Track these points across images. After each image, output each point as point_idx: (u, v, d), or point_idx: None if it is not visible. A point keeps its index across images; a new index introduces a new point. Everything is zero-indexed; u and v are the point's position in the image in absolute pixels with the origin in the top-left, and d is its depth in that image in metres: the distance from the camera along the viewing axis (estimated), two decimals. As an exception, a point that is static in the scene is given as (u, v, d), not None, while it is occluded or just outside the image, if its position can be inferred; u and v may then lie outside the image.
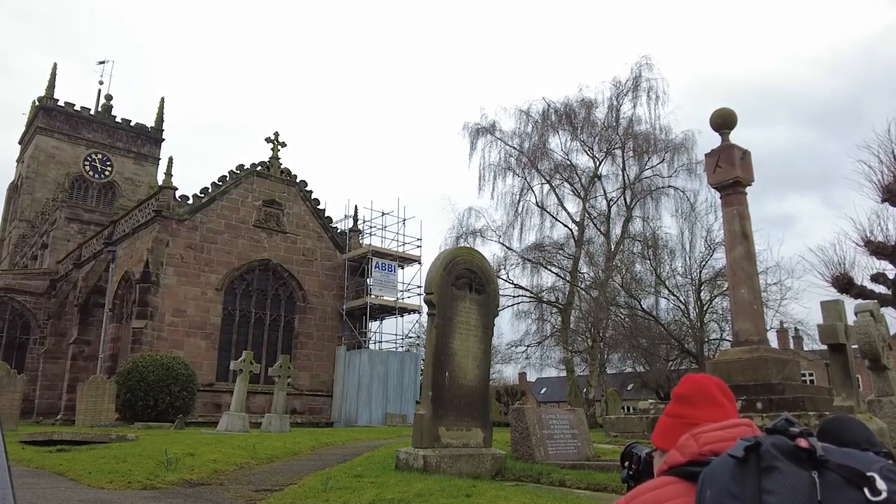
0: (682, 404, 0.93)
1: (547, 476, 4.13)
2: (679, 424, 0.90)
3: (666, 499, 0.77)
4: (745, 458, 0.65)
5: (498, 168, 17.44)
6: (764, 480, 0.62)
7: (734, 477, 0.65)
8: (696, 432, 0.83)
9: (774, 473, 0.62)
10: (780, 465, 0.62)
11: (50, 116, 26.01)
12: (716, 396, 0.92)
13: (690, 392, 0.94)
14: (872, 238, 8.14)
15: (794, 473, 0.62)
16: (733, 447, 0.68)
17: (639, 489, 0.83)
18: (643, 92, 16.69)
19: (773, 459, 0.63)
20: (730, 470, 0.66)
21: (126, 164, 27.11)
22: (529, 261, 16.65)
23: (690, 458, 0.79)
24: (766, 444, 0.66)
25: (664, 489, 0.79)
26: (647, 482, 0.85)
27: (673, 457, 0.83)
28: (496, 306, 5.03)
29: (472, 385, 4.54)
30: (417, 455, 4.15)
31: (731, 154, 4.77)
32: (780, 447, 0.65)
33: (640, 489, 0.83)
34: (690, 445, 0.81)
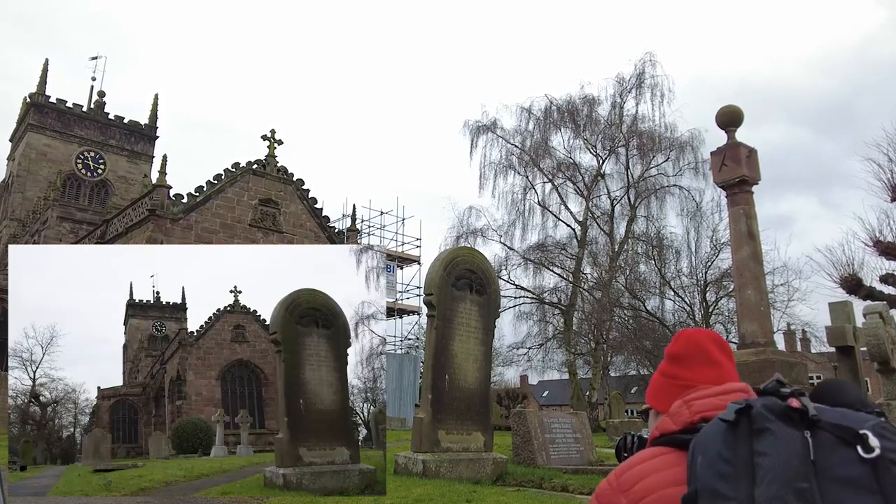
0: (675, 364, 0.89)
1: (549, 481, 4.05)
2: (672, 386, 0.87)
3: (657, 469, 0.75)
4: (735, 421, 0.63)
5: (499, 166, 17.29)
6: (756, 443, 0.61)
7: (726, 441, 0.63)
8: (688, 399, 0.80)
9: (766, 435, 0.61)
10: (772, 426, 0.61)
11: (41, 113, 25.63)
12: (712, 354, 0.88)
13: (684, 351, 0.89)
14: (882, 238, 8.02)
15: (786, 434, 0.61)
16: (724, 412, 0.66)
17: (630, 460, 0.80)
18: (647, 89, 16.49)
19: (764, 421, 0.62)
20: (721, 434, 0.64)
21: (119, 162, 26.75)
22: (531, 261, 16.47)
23: (682, 427, 0.77)
24: (757, 406, 0.64)
25: (656, 460, 0.77)
26: (639, 452, 0.82)
27: (665, 424, 0.80)
28: (497, 307, 4.97)
29: (473, 388, 4.47)
30: (417, 459, 4.08)
31: (737, 152, 4.70)
32: (771, 408, 0.63)
33: (632, 460, 0.80)
34: (682, 413, 0.79)
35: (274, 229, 15.51)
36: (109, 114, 27.06)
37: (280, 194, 15.82)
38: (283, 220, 15.72)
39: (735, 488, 0.58)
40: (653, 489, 0.73)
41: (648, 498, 0.72)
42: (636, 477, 0.75)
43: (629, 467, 0.78)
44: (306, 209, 16.30)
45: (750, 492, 0.57)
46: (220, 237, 14.53)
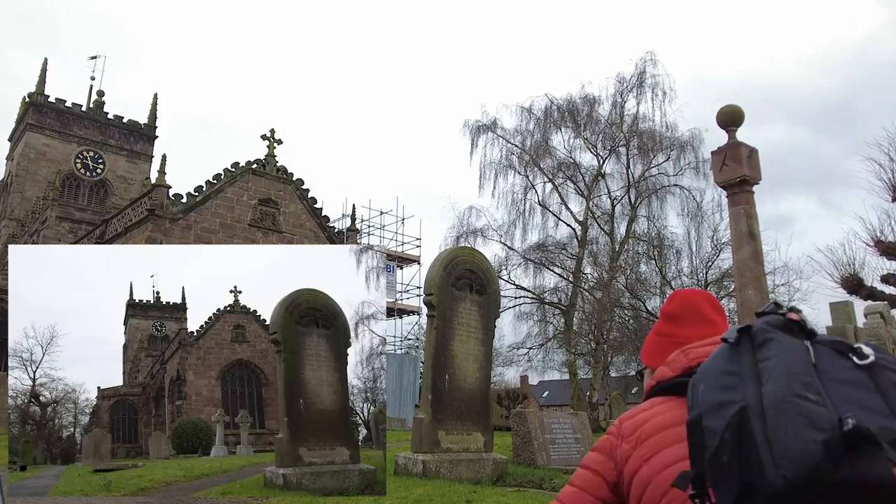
0: (670, 323, 0.91)
1: (549, 482, 4.05)
2: (668, 344, 0.88)
3: (658, 413, 0.76)
4: (737, 340, 0.65)
5: (499, 166, 17.21)
6: (759, 353, 0.63)
7: (730, 358, 0.65)
8: (686, 348, 0.82)
9: (769, 343, 0.63)
10: (775, 335, 0.63)
11: (40, 113, 25.58)
12: (706, 313, 0.90)
13: (679, 310, 0.91)
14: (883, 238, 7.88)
15: (788, 341, 0.63)
16: (727, 333, 0.67)
17: (628, 412, 0.81)
18: (648, 88, 16.39)
19: (766, 333, 0.64)
20: (724, 355, 0.66)
21: (118, 161, 26.71)
22: (531, 261, 16.40)
23: (679, 372, 0.78)
24: (757, 324, 0.66)
25: (655, 407, 0.78)
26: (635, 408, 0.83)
27: (661, 372, 0.81)
28: (497, 308, 4.96)
29: (473, 388, 4.46)
30: (416, 460, 4.07)
31: (737, 152, 4.69)
32: (772, 323, 0.65)
33: (630, 412, 0.81)
34: (680, 360, 0.80)
35: (273, 229, 15.49)
36: (109, 113, 27.01)
37: (280, 194, 15.79)
38: (282, 219, 15.70)
39: (742, 393, 0.59)
40: (656, 430, 0.73)
41: (652, 439, 0.73)
42: (637, 423, 0.76)
43: (628, 417, 0.79)
44: (306, 209, 16.28)
45: (758, 391, 0.58)
46: (219, 237, 14.52)
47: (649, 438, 0.73)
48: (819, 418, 0.54)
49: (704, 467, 0.61)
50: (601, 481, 0.76)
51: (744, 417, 0.57)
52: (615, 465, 0.76)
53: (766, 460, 0.53)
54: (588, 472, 0.78)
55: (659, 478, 0.70)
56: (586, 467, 0.79)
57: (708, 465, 0.60)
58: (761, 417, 0.56)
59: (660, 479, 0.70)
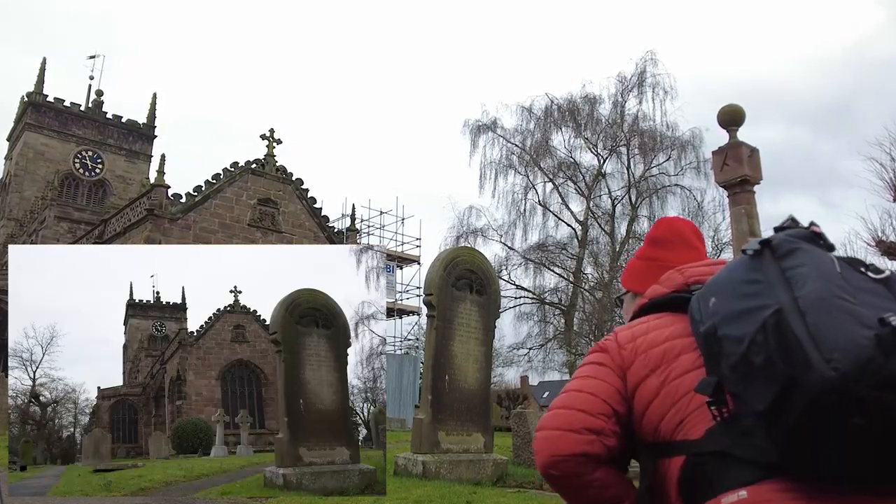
0: (656, 247, 0.91)
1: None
2: (654, 267, 0.88)
3: (658, 327, 0.74)
4: (759, 251, 0.64)
5: (499, 166, 17.19)
6: (785, 261, 0.62)
7: (751, 268, 0.63)
8: (680, 268, 0.81)
9: (797, 252, 0.62)
10: (801, 245, 0.63)
11: (39, 112, 25.49)
12: (691, 240, 0.91)
13: (666, 235, 0.91)
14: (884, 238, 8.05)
15: (815, 250, 0.63)
16: (746, 245, 0.66)
17: (623, 327, 0.79)
18: (648, 88, 16.38)
19: (791, 244, 0.63)
20: (742, 266, 0.65)
21: (117, 161, 26.65)
22: (532, 261, 16.41)
23: (674, 290, 0.77)
24: (779, 236, 0.65)
25: (652, 322, 0.76)
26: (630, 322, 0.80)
27: (654, 290, 0.81)
28: (497, 308, 4.95)
29: (473, 389, 4.45)
30: (416, 460, 4.06)
31: (738, 151, 4.69)
32: (795, 234, 0.65)
33: (626, 326, 0.79)
34: (675, 278, 0.79)
35: (273, 229, 15.46)
36: (107, 113, 26.93)
37: (279, 194, 15.77)
38: (282, 219, 15.67)
39: (772, 297, 0.58)
40: (658, 341, 0.71)
41: (654, 350, 0.71)
42: (634, 334, 0.74)
43: (623, 329, 0.77)
44: (305, 209, 16.26)
45: (790, 295, 0.57)
46: (218, 237, 14.50)
47: (652, 349, 0.71)
48: (862, 317, 0.54)
49: (724, 375, 0.60)
50: (611, 372, 0.72)
51: (780, 318, 0.56)
52: (619, 367, 0.72)
53: (813, 356, 0.53)
54: (595, 366, 0.73)
55: (668, 388, 0.68)
56: (593, 363, 0.73)
57: (730, 371, 0.59)
58: (801, 317, 0.55)
59: (669, 389, 0.68)
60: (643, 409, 0.70)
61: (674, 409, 0.67)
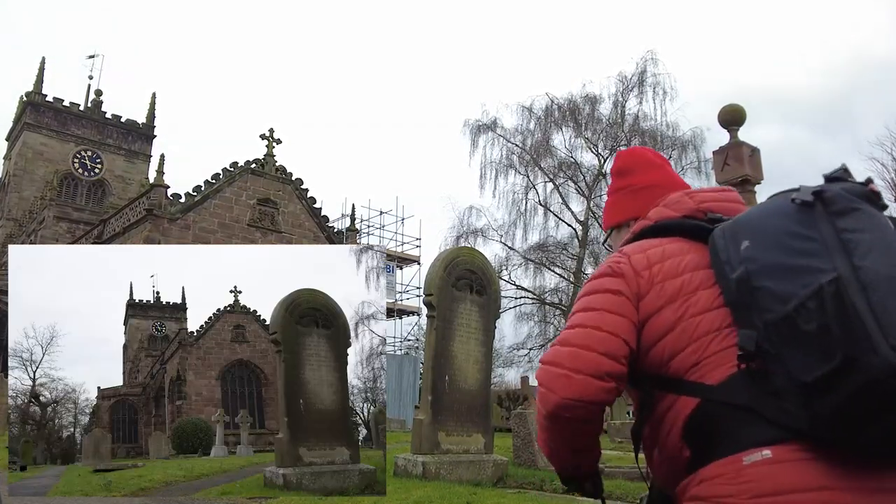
0: (623, 177, 0.90)
1: (550, 483, 4.02)
2: (626, 194, 0.87)
3: (673, 254, 0.69)
4: (811, 203, 0.59)
5: (499, 166, 17.14)
6: (841, 221, 0.57)
7: (801, 221, 0.59)
8: (688, 192, 0.77)
9: (856, 214, 0.57)
10: (860, 206, 0.58)
11: (38, 112, 25.45)
12: (653, 160, 0.90)
13: (629, 162, 0.91)
14: None
15: (876, 214, 0.58)
16: (798, 192, 0.61)
17: (630, 248, 0.72)
18: (649, 87, 16.37)
19: (849, 202, 0.58)
20: (790, 215, 0.60)
21: (116, 161, 26.61)
22: (532, 261, 16.39)
23: (685, 214, 0.73)
24: (834, 188, 0.60)
25: (663, 247, 0.70)
26: (631, 245, 0.73)
27: (660, 213, 0.75)
28: (498, 308, 4.93)
29: (473, 389, 4.44)
30: (416, 461, 4.05)
31: (739, 151, 4.68)
32: (852, 191, 0.60)
33: (632, 248, 0.72)
34: (684, 202, 0.75)
35: (272, 229, 15.45)
36: (106, 113, 26.87)
37: (278, 194, 15.75)
38: (281, 219, 15.66)
39: (828, 262, 0.54)
40: (677, 271, 0.67)
41: (673, 280, 0.66)
42: (649, 260, 0.69)
43: (639, 251, 0.70)
44: (305, 209, 16.24)
45: (849, 263, 0.53)
46: (218, 237, 14.49)
47: (669, 280, 0.66)
48: None
49: (757, 328, 0.57)
50: (627, 302, 0.66)
51: (840, 288, 0.53)
52: (634, 294, 0.67)
53: (877, 338, 0.50)
54: (611, 296, 0.67)
55: (685, 324, 0.64)
56: (609, 291, 0.68)
57: (767, 328, 0.56)
58: (862, 292, 0.52)
59: (686, 325, 0.64)
60: (653, 341, 0.66)
61: (691, 348, 0.64)
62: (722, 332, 0.63)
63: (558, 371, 0.66)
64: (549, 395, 0.66)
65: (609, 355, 0.65)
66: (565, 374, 0.65)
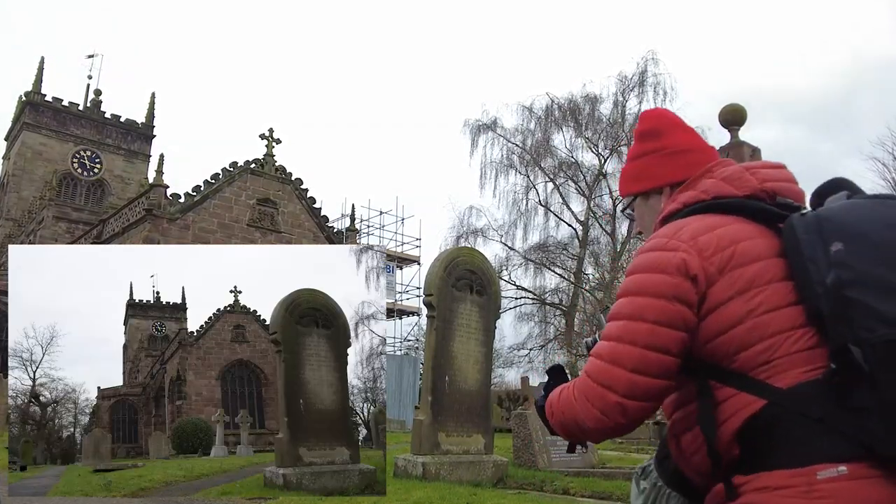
0: (652, 139, 0.80)
1: (550, 484, 4.03)
2: (658, 158, 0.78)
3: (741, 236, 0.63)
4: None
5: (500, 166, 17.18)
6: None
7: None
8: (748, 166, 0.69)
9: None
10: None
11: (37, 112, 25.41)
12: (683, 122, 0.82)
13: (658, 124, 0.81)
14: None
15: None
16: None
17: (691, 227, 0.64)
18: (650, 87, 16.43)
19: None
20: None
21: (116, 161, 26.57)
22: (532, 261, 16.39)
23: (749, 193, 0.66)
24: None
25: (728, 227, 0.63)
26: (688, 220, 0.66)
27: (718, 187, 0.67)
28: (498, 308, 4.92)
29: (473, 390, 4.44)
30: (416, 462, 4.05)
31: (740, 151, 4.68)
32: None
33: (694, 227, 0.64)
34: (748, 178, 0.67)
35: (272, 229, 15.44)
36: (106, 112, 26.83)
37: (278, 194, 15.73)
38: (281, 219, 15.65)
39: None
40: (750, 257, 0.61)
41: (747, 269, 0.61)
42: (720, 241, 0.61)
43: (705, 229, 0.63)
44: (305, 209, 16.23)
45: None
46: (217, 237, 14.47)
47: (742, 268, 0.61)
48: None
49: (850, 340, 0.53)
50: (683, 310, 0.61)
51: None
52: (697, 287, 0.61)
53: None
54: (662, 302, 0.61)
55: (757, 320, 0.60)
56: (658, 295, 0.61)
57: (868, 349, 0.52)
58: None
59: (758, 322, 0.59)
60: (717, 332, 0.61)
61: (761, 346, 0.60)
62: (796, 332, 0.60)
63: (614, 399, 0.63)
64: (602, 419, 0.64)
65: (663, 376, 0.63)
66: (618, 402, 0.62)
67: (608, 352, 0.64)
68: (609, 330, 0.66)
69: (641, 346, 0.62)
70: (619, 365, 0.63)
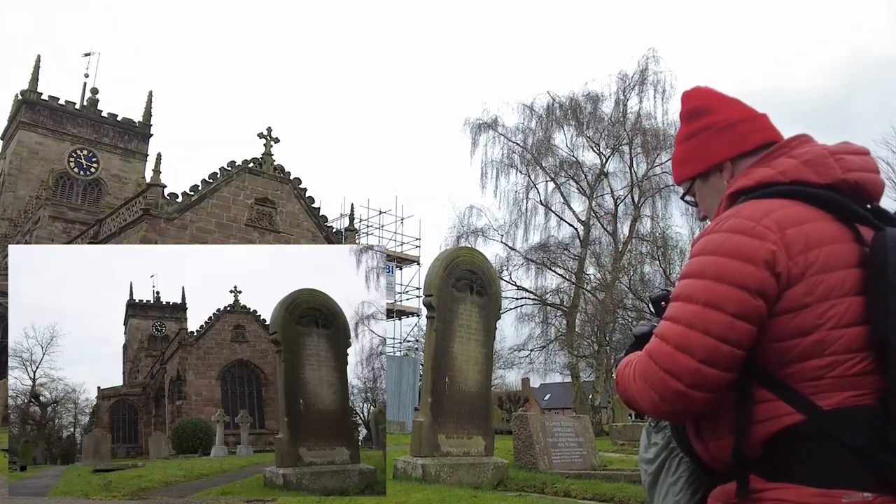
0: (704, 115, 0.74)
1: (551, 486, 4.03)
2: (711, 134, 0.71)
3: (827, 239, 0.59)
4: None
5: (500, 165, 17.09)
6: None
7: None
8: (833, 151, 0.64)
9: None
10: None
11: (33, 111, 25.23)
12: (726, 95, 0.76)
13: (703, 100, 0.75)
14: None
15: None
16: None
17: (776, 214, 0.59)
18: (650, 86, 16.31)
19: None
20: None
21: (112, 160, 26.43)
22: (533, 261, 16.32)
23: (830, 182, 0.61)
24: None
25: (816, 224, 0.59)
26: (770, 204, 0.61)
27: (800, 171, 0.62)
28: (498, 309, 4.91)
29: (473, 391, 4.42)
30: (416, 464, 4.04)
31: (741, 151, 4.63)
32: None
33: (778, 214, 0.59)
34: (831, 165, 0.62)
35: (270, 229, 15.37)
36: (103, 111, 26.63)
37: (277, 193, 15.65)
38: (279, 219, 15.58)
39: None
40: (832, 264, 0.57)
41: (827, 277, 0.56)
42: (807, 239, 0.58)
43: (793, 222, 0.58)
44: (304, 208, 16.16)
45: None
46: (215, 237, 14.41)
47: (824, 273, 0.57)
48: None
49: None
50: (762, 305, 0.57)
51: None
52: (779, 285, 0.57)
53: None
54: (745, 295, 0.57)
55: (826, 334, 0.56)
56: (742, 286, 0.57)
57: None
58: None
59: (826, 336, 0.56)
60: (780, 336, 0.58)
61: (821, 361, 0.57)
62: (858, 354, 0.57)
63: (677, 387, 0.59)
64: (660, 404, 0.61)
65: (731, 369, 0.59)
66: (682, 391, 0.59)
67: (677, 337, 0.59)
68: (678, 312, 0.60)
69: (716, 338, 0.58)
70: (688, 353, 0.59)
